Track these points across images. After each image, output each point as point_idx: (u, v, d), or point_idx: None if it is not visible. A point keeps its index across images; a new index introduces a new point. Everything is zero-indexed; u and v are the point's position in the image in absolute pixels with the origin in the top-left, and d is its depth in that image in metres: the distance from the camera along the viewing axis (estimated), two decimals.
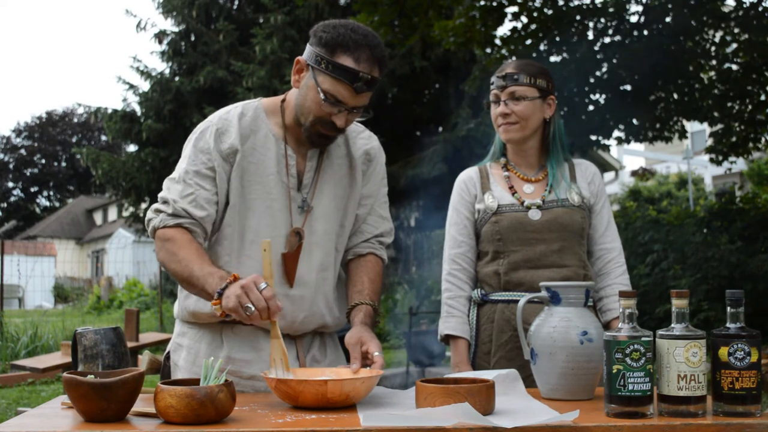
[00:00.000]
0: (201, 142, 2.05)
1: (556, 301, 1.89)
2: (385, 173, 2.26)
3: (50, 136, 42.21)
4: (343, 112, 1.97)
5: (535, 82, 2.36)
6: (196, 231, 2.01)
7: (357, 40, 1.93)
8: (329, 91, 1.94)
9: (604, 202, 2.45)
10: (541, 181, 2.41)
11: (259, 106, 2.11)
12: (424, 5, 8.30)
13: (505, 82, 2.37)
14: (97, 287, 21.84)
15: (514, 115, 2.36)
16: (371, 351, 1.89)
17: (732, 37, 8.78)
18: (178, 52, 14.66)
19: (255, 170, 2.04)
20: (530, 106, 2.36)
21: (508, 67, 2.40)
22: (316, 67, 1.95)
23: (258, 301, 1.75)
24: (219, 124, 2.06)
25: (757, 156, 16.04)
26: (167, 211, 2.01)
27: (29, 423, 1.59)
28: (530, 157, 2.44)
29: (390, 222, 2.26)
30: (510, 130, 2.38)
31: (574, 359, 1.82)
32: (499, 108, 2.39)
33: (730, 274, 8.18)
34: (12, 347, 9.26)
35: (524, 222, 2.33)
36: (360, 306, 2.05)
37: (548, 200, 2.36)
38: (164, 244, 1.99)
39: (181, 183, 2.03)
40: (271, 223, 2.04)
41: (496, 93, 2.40)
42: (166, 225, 2.00)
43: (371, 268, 2.16)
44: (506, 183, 2.41)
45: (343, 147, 2.16)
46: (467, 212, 2.43)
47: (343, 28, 1.95)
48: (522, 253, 2.33)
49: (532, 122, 2.38)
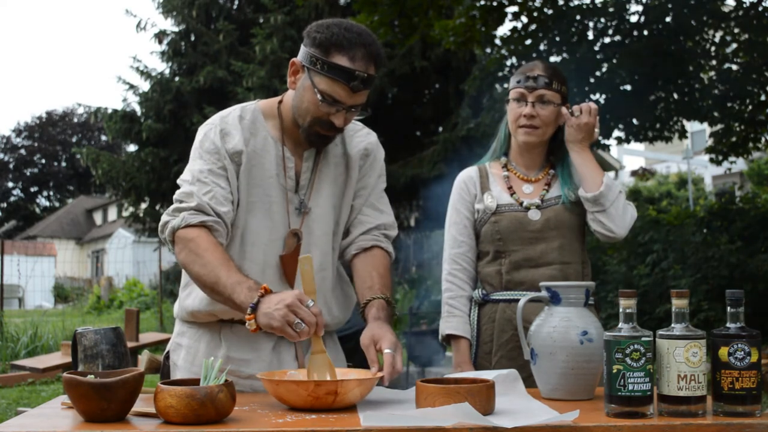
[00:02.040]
0: (207, 143, 2.03)
1: (556, 301, 1.89)
2: (384, 170, 2.23)
3: (50, 136, 42.21)
4: (341, 112, 1.95)
5: (560, 89, 2.35)
6: (218, 230, 1.96)
7: (351, 38, 1.91)
8: (326, 91, 1.93)
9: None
10: (540, 181, 2.41)
11: (256, 108, 2.11)
12: (424, 5, 8.30)
13: (536, 84, 2.34)
14: (97, 287, 21.84)
15: (538, 119, 2.33)
16: (383, 349, 1.84)
17: (732, 37, 8.78)
18: (178, 52, 14.66)
19: (257, 173, 2.04)
20: (554, 112, 2.35)
21: (538, 69, 2.36)
22: (312, 68, 1.94)
23: (308, 317, 1.74)
24: (222, 125, 2.05)
25: (757, 156, 16.06)
26: (191, 205, 1.94)
27: (29, 423, 1.59)
28: (535, 158, 2.43)
29: (391, 216, 2.21)
30: (532, 134, 2.35)
31: (574, 359, 1.81)
32: (525, 109, 2.34)
33: (730, 274, 8.18)
34: (12, 347, 9.26)
35: (524, 222, 2.33)
36: (372, 301, 2.01)
37: (546, 199, 2.36)
38: (187, 244, 1.91)
39: (197, 183, 1.98)
40: (270, 226, 2.03)
41: (523, 92, 2.35)
42: (188, 224, 1.93)
43: (379, 262, 2.12)
44: (505, 183, 2.41)
45: (340, 146, 2.15)
46: (467, 212, 2.42)
47: (337, 27, 1.93)
48: (523, 253, 2.32)
49: (552, 128, 2.37)
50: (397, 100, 13.73)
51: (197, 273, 1.90)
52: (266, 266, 2.02)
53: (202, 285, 1.92)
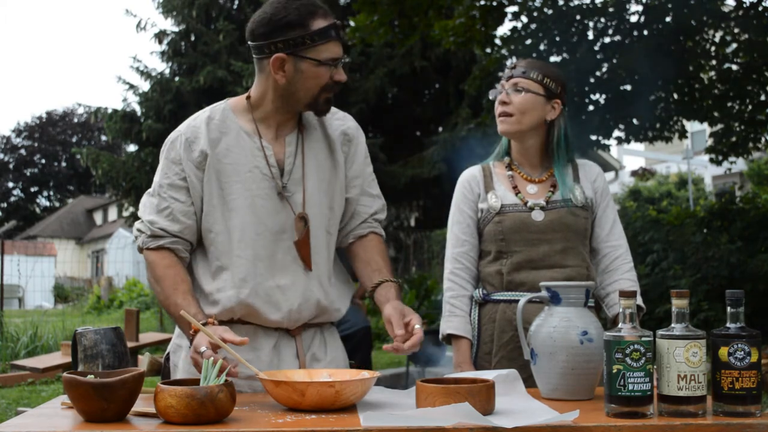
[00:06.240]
0: (172, 153, 2.09)
1: (556, 301, 1.89)
2: (367, 152, 2.27)
3: (50, 136, 42.21)
4: (339, 66, 2.04)
5: (542, 80, 2.35)
6: (177, 248, 2.07)
7: (305, 4, 2.00)
8: (327, 57, 2.01)
9: (609, 201, 2.44)
10: (544, 182, 2.39)
11: (226, 107, 2.14)
12: (424, 5, 8.30)
13: (512, 73, 2.37)
14: (97, 287, 21.85)
15: (511, 106, 2.34)
16: (413, 323, 1.93)
17: (732, 37, 8.78)
18: (178, 52, 14.67)
19: (232, 170, 2.06)
20: (530, 100, 2.34)
21: (521, 63, 2.40)
22: (300, 48, 1.99)
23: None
24: (188, 134, 2.09)
25: (757, 156, 16.05)
26: (147, 233, 2.07)
27: (29, 423, 1.59)
28: (532, 157, 2.42)
29: (381, 198, 2.27)
30: (506, 122, 2.36)
31: (574, 359, 1.82)
32: (500, 96, 2.38)
33: (730, 274, 8.18)
34: (12, 347, 9.25)
35: (527, 222, 2.32)
36: (387, 283, 2.08)
37: (551, 201, 2.35)
38: (148, 266, 2.07)
39: (156, 197, 2.09)
40: (254, 220, 2.05)
41: (502, 83, 2.39)
42: (148, 247, 2.07)
43: (377, 246, 2.19)
44: (510, 183, 2.40)
45: (319, 129, 2.18)
46: (470, 211, 2.42)
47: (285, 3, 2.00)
48: (525, 254, 2.32)
49: (529, 118, 2.35)
50: (397, 100, 13.72)
51: (156, 293, 2.06)
52: (256, 259, 2.04)
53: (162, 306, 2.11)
